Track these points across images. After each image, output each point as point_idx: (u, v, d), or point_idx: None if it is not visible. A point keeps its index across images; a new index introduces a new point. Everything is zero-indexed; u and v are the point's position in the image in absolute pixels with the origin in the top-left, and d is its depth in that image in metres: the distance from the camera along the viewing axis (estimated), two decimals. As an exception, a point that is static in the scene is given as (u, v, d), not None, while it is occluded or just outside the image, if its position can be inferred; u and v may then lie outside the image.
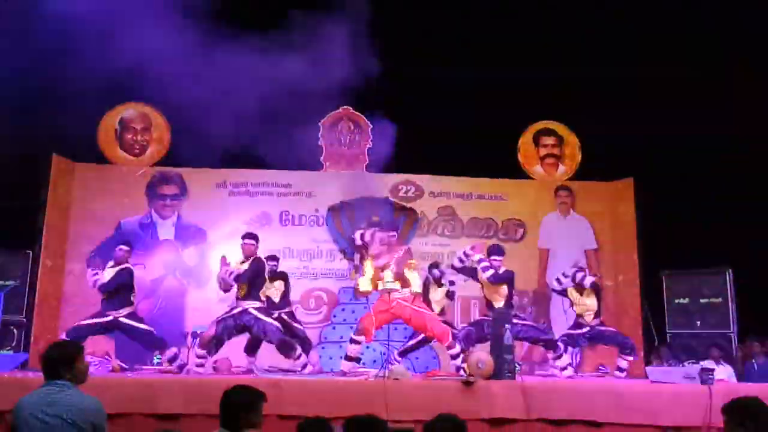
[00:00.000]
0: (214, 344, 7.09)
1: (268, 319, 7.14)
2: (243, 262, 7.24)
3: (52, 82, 8.49)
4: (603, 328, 8.11)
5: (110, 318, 7.32)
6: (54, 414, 3.39)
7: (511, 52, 9.62)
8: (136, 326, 7.34)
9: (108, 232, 9.43)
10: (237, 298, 7.22)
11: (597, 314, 8.05)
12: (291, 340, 7.28)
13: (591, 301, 8.04)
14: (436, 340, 7.32)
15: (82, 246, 9.34)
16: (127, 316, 7.36)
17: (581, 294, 8.10)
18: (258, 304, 7.19)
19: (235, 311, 7.16)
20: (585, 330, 8.03)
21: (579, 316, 8.12)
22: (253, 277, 7.17)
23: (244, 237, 7.43)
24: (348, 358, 7.10)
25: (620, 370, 8.00)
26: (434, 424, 3.47)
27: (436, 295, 8.11)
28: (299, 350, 7.18)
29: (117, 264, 7.51)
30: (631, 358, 7.99)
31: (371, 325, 6.98)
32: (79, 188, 9.48)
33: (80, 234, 9.37)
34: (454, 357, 6.99)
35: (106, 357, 7.73)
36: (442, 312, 8.10)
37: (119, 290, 7.37)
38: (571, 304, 8.27)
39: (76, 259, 9.29)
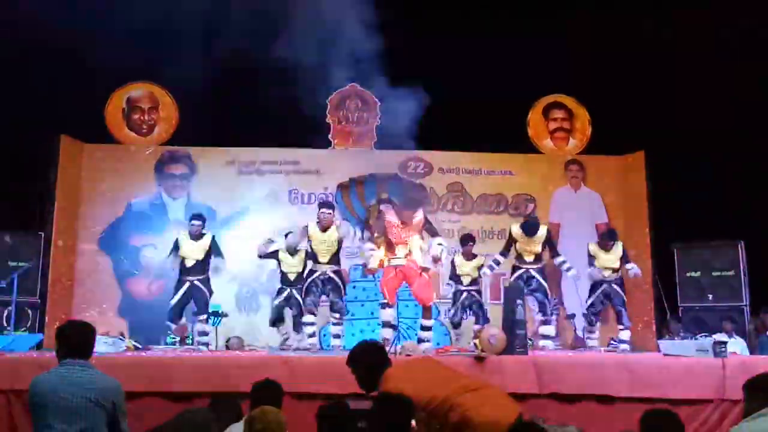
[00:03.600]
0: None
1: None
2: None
3: (60, 62, 8.50)
4: (618, 287, 7.99)
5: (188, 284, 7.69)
6: (77, 393, 3.42)
7: (519, 24, 9.50)
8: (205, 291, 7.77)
9: (118, 213, 9.47)
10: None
11: (615, 270, 7.98)
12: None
13: (614, 258, 7.97)
14: (418, 301, 7.49)
15: (92, 226, 9.40)
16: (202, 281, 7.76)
17: (606, 251, 7.99)
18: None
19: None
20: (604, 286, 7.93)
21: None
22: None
23: (321, 206, 7.74)
24: (384, 324, 7.27)
25: (623, 342, 7.89)
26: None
27: (466, 267, 8.15)
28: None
29: (195, 237, 7.77)
30: (625, 330, 7.93)
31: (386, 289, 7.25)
32: (89, 169, 9.50)
33: (91, 215, 9.42)
34: (424, 328, 7.30)
35: (120, 336, 7.76)
36: (474, 282, 8.16)
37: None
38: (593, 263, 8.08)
39: (87, 239, 9.36)
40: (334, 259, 7.59)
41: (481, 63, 9.34)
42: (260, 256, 7.97)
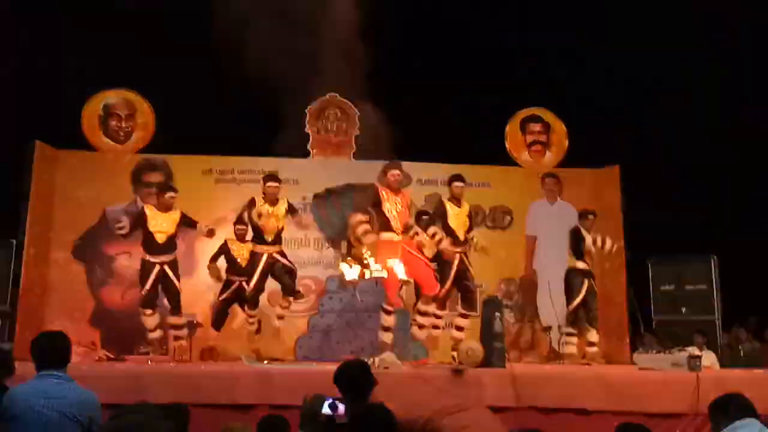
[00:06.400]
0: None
1: None
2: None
3: (35, 67, 8.40)
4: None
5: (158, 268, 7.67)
6: (54, 408, 3.35)
7: (498, 38, 9.60)
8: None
9: (93, 220, 9.32)
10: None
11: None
12: None
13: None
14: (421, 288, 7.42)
15: (66, 234, 9.23)
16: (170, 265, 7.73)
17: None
18: None
19: None
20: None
21: None
22: None
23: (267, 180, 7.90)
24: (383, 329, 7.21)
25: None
26: None
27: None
28: None
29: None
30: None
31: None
32: (63, 176, 9.33)
33: (65, 222, 9.24)
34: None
35: (92, 346, 7.65)
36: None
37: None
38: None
39: (60, 247, 9.18)
40: (278, 238, 7.71)
41: (460, 76, 9.43)
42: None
